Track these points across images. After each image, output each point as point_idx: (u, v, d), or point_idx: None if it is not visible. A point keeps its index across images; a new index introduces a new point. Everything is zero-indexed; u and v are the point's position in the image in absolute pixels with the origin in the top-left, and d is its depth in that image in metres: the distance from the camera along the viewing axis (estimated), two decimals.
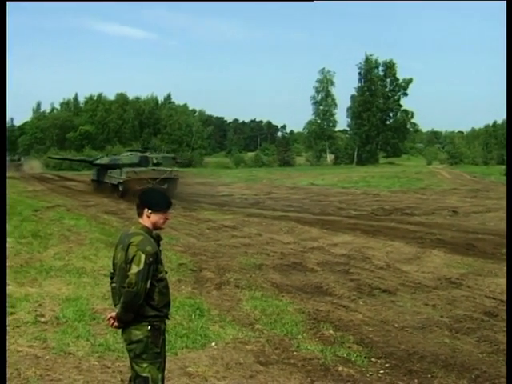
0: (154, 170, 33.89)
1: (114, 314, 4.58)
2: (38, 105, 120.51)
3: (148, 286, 4.39)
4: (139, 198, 4.69)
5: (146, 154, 36.56)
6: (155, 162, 35.20)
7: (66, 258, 13.10)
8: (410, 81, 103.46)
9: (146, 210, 4.61)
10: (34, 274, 11.43)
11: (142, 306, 4.41)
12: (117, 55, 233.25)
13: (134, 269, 4.35)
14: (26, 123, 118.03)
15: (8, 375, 6.16)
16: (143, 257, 4.36)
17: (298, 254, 14.61)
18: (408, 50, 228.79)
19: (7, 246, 14.30)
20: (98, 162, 38.64)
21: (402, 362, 6.99)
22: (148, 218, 4.61)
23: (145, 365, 4.47)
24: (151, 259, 4.40)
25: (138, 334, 4.46)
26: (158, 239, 4.65)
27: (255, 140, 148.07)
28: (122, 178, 33.26)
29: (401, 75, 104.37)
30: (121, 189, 33.27)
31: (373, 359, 7.06)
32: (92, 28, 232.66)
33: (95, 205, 28.26)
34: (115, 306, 4.66)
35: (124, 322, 4.50)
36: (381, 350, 7.37)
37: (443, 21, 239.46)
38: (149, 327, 4.46)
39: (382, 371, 6.69)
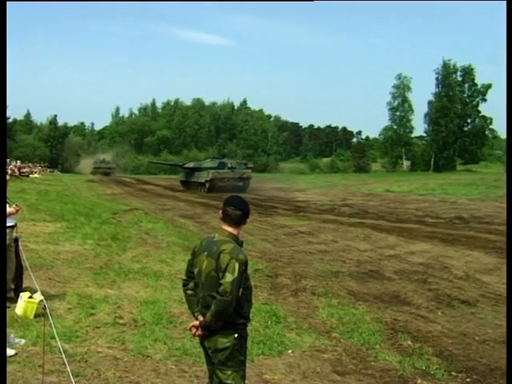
0: None
1: (196, 322, 4.52)
2: (117, 110, 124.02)
3: (240, 294, 4.35)
4: (240, 209, 4.55)
5: None
6: None
7: (144, 261, 13.29)
8: (489, 86, 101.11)
9: (247, 219, 4.62)
10: (113, 276, 11.62)
11: (231, 314, 4.36)
12: (194, 61, 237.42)
13: (229, 277, 4.28)
14: (105, 128, 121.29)
15: (89, 375, 6.29)
16: (237, 265, 4.30)
17: (375, 261, 14.43)
18: (487, 55, 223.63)
19: (87, 247, 14.73)
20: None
21: (484, 377, 6.76)
22: (243, 226, 4.61)
23: (229, 372, 4.42)
24: (244, 267, 4.35)
25: (224, 341, 4.41)
26: (241, 246, 4.61)
27: (330, 146, 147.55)
28: None
29: (480, 80, 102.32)
30: None
31: (453, 373, 6.86)
32: (170, 35, 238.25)
33: (171, 208, 28.65)
34: (193, 314, 4.61)
35: (212, 330, 4.44)
36: (461, 364, 7.16)
37: None
38: (235, 335, 4.42)
39: None
